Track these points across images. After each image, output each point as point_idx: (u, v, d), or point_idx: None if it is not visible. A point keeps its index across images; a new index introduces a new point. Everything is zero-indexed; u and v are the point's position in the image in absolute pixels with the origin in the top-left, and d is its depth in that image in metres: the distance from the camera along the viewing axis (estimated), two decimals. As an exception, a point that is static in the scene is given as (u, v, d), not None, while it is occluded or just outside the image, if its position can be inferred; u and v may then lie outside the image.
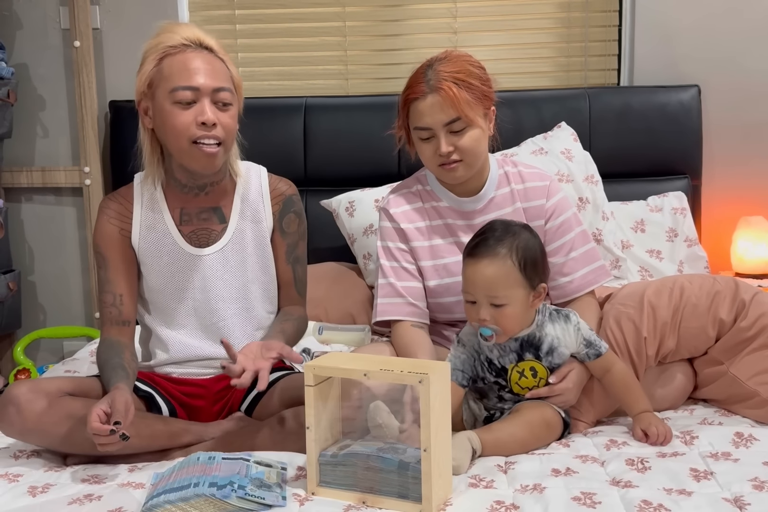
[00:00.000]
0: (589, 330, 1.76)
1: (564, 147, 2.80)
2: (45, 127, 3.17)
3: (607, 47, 3.14)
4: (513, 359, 1.73)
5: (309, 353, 2.22)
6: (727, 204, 3.03)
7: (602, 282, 2.00)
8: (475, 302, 1.69)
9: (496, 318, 1.67)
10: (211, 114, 1.69)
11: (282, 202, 1.88)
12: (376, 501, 1.43)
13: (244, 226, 1.85)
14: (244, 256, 1.85)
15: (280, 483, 1.45)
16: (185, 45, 1.72)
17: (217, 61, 1.74)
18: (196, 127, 1.69)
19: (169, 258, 1.83)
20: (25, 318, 3.17)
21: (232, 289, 1.84)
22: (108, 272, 1.82)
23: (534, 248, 1.71)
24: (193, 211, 1.83)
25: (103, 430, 1.48)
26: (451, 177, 1.93)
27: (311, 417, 1.46)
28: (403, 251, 2.00)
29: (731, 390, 1.85)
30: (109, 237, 1.82)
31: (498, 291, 1.66)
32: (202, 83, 1.69)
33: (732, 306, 1.83)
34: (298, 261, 1.93)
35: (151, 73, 1.72)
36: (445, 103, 1.84)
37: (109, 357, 1.74)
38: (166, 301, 1.84)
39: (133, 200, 1.84)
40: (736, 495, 1.43)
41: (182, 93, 1.69)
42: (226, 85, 1.73)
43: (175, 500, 1.37)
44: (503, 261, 1.66)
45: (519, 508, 1.40)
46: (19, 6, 3.10)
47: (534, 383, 1.74)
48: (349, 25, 3.17)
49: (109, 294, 1.82)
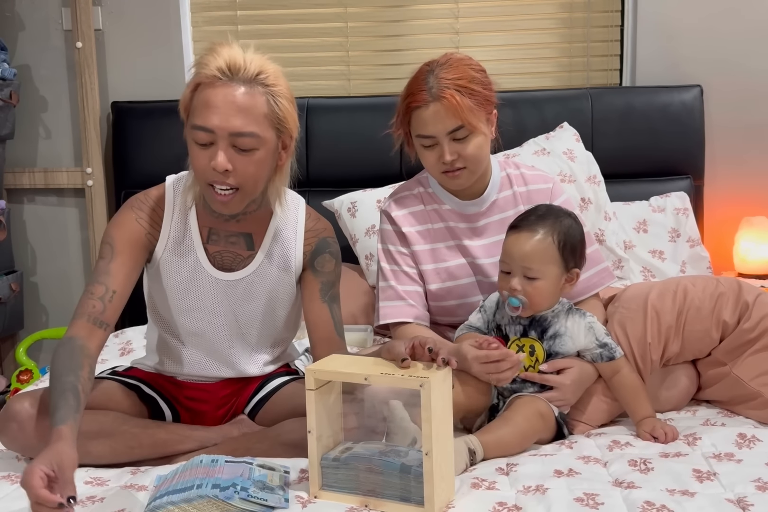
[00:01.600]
0: (605, 334, 1.79)
1: (566, 147, 2.80)
2: (47, 128, 3.17)
3: (609, 47, 3.13)
4: (518, 331, 1.79)
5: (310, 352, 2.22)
6: (729, 204, 3.03)
7: (606, 285, 2.00)
8: (510, 272, 1.75)
9: (527, 291, 1.74)
10: (223, 160, 1.55)
11: (315, 244, 1.78)
12: (378, 504, 1.43)
13: (271, 260, 1.76)
14: (262, 292, 1.77)
15: (282, 485, 1.45)
16: (216, 76, 1.55)
17: (254, 96, 1.56)
18: (210, 170, 1.58)
19: (189, 276, 1.74)
20: (27, 319, 3.18)
21: (241, 317, 1.78)
22: (111, 264, 1.66)
23: (575, 234, 1.79)
24: (222, 233, 1.73)
25: (51, 501, 1.25)
26: (454, 184, 1.92)
27: (313, 421, 1.46)
28: (404, 255, 1.99)
29: (734, 391, 1.85)
30: (131, 234, 1.69)
31: (533, 263, 1.73)
32: (217, 125, 1.54)
33: (735, 307, 1.82)
34: (335, 301, 1.80)
35: (187, 99, 1.60)
36: (448, 111, 1.82)
37: (63, 371, 1.50)
38: (174, 316, 1.78)
39: (164, 207, 1.73)
40: (739, 495, 1.43)
41: (199, 134, 1.56)
42: (248, 129, 1.55)
43: (178, 501, 1.37)
44: (544, 237, 1.74)
45: (521, 509, 1.40)
46: (21, 7, 3.10)
47: (530, 362, 1.78)
48: (351, 26, 3.17)
49: (102, 286, 1.64)
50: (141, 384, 1.79)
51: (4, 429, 1.60)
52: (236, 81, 1.56)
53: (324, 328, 1.78)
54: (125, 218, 1.71)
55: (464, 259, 1.99)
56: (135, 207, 1.73)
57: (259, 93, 1.57)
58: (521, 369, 1.75)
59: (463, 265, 1.99)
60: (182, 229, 1.73)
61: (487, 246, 1.99)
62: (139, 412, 1.75)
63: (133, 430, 1.66)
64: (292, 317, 1.86)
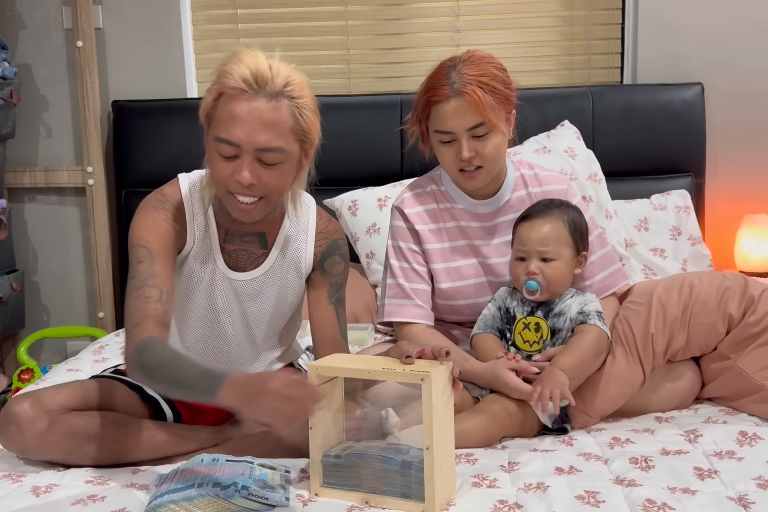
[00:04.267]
0: (595, 311, 1.84)
1: (567, 145, 2.80)
2: (48, 127, 3.17)
3: (610, 45, 3.13)
4: (525, 311, 1.88)
5: (312, 351, 2.22)
6: (730, 202, 3.03)
7: (620, 286, 2.00)
8: (525, 259, 1.85)
9: (545, 272, 1.83)
10: (249, 174, 1.53)
11: (326, 245, 1.77)
12: (379, 501, 1.43)
13: (284, 259, 1.75)
14: (272, 291, 1.76)
15: (283, 484, 1.45)
16: (241, 88, 1.51)
17: (281, 109, 1.53)
18: (234, 182, 1.55)
19: (205, 276, 1.72)
20: (28, 318, 3.18)
21: (250, 317, 1.77)
22: (154, 266, 1.61)
23: (581, 221, 1.90)
24: (237, 234, 1.72)
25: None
26: (470, 184, 1.91)
27: (315, 418, 1.46)
28: (415, 252, 1.98)
29: (737, 384, 1.86)
30: (163, 234, 1.65)
31: (549, 245, 1.84)
32: (243, 140, 1.51)
33: (741, 301, 1.84)
34: (341, 304, 1.80)
35: (209, 106, 1.56)
36: (469, 107, 1.81)
37: (176, 355, 1.47)
38: (183, 316, 1.76)
39: (184, 207, 1.70)
40: (741, 493, 1.43)
41: (223, 147, 1.53)
42: (275, 144, 1.53)
43: (179, 500, 1.37)
44: (557, 221, 1.86)
45: (522, 507, 1.40)
46: (21, 6, 3.10)
47: (535, 338, 1.85)
48: (352, 24, 3.17)
49: (155, 289, 1.59)
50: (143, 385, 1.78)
51: (3, 431, 1.59)
52: (263, 94, 1.52)
53: (329, 330, 1.77)
54: (153, 219, 1.66)
55: (475, 259, 1.98)
56: (158, 207, 1.68)
57: (285, 106, 1.53)
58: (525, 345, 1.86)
59: (474, 265, 1.98)
60: (204, 228, 1.71)
61: (498, 246, 1.98)
62: (140, 413, 1.75)
63: (133, 432, 1.66)
64: (297, 315, 1.87)
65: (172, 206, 1.69)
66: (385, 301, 1.97)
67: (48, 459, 1.63)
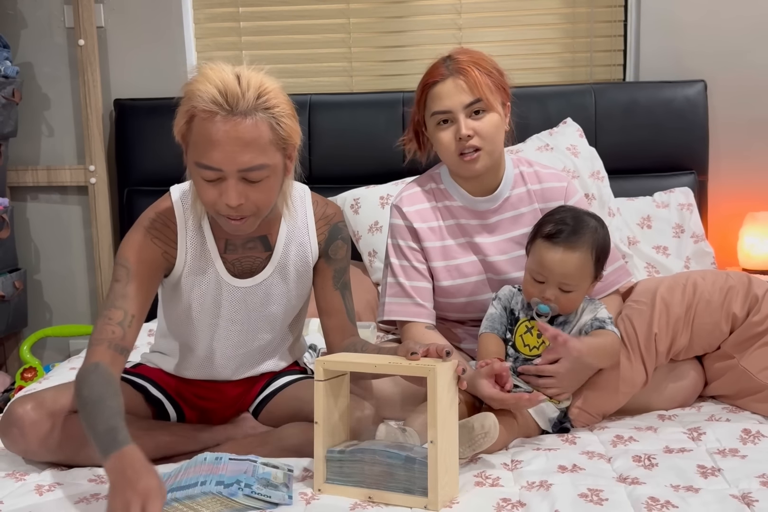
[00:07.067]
0: (608, 317, 1.82)
1: (570, 143, 2.79)
2: (50, 125, 3.17)
3: (612, 43, 3.13)
4: (529, 315, 1.83)
5: (315, 349, 2.22)
6: (733, 200, 3.02)
7: (623, 283, 2.00)
8: (543, 282, 1.78)
9: (560, 301, 1.78)
10: (236, 196, 1.50)
11: (328, 232, 1.75)
12: (382, 496, 1.43)
13: (288, 255, 1.73)
14: (281, 292, 1.75)
15: (286, 483, 1.45)
16: (213, 111, 1.45)
17: (258, 125, 1.47)
18: (222, 204, 1.52)
19: (209, 288, 1.70)
20: (31, 316, 3.18)
21: (261, 322, 1.76)
22: (128, 287, 1.60)
23: (606, 243, 1.83)
24: (239, 242, 1.69)
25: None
26: (470, 169, 1.89)
27: (320, 413, 1.46)
28: (415, 250, 1.98)
29: (741, 383, 1.85)
30: (147, 255, 1.63)
31: (572, 280, 1.77)
32: (224, 164, 1.47)
33: (745, 300, 1.83)
34: (347, 288, 1.79)
35: (183, 129, 1.52)
36: (467, 84, 1.84)
37: (107, 396, 1.46)
38: (191, 327, 1.75)
39: (176, 222, 1.67)
40: (744, 491, 1.43)
41: (205, 172, 1.49)
42: (257, 162, 1.48)
43: (182, 498, 1.37)
44: (585, 256, 1.77)
45: (525, 505, 1.40)
46: (23, 5, 3.10)
47: (536, 343, 1.81)
48: (354, 22, 3.17)
49: (120, 310, 1.58)
50: (148, 385, 1.78)
51: (6, 433, 1.59)
52: (236, 113, 1.46)
53: (337, 316, 1.77)
54: (139, 239, 1.65)
55: (475, 257, 1.98)
56: (146, 227, 1.66)
57: (261, 120, 1.48)
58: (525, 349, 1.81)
59: (474, 263, 1.98)
60: (199, 242, 1.68)
61: (498, 243, 1.98)
62: (144, 413, 1.75)
63: (136, 433, 1.65)
64: (304, 309, 1.86)
65: (162, 223, 1.67)
66: (386, 300, 1.97)
67: (51, 460, 1.63)
